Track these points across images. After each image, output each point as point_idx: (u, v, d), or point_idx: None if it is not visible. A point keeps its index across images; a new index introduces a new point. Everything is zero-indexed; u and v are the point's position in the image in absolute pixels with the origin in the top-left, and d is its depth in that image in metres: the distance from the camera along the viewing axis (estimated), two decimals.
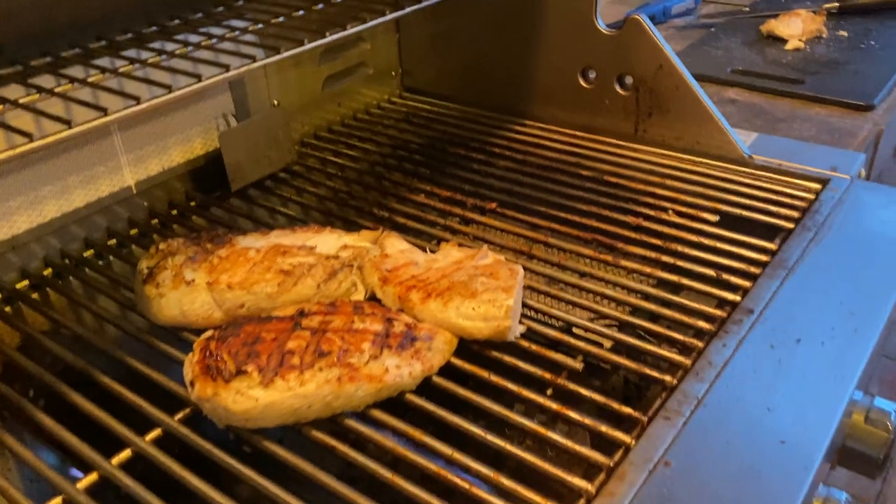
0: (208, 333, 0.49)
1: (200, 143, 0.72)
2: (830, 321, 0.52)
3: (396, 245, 0.59)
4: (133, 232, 0.67)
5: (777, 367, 0.48)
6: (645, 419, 0.45)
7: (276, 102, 0.78)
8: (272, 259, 0.56)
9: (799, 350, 0.50)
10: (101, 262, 0.64)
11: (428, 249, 0.61)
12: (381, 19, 0.62)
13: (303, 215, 0.71)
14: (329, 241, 0.60)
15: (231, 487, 0.43)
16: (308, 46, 0.56)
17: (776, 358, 0.49)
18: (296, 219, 0.70)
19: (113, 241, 0.66)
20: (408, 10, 0.64)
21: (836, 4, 1.09)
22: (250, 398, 0.44)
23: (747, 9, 1.13)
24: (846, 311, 0.53)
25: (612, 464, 0.42)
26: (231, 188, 0.72)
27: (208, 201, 0.72)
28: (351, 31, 0.59)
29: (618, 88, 0.77)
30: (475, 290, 0.52)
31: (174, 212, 0.70)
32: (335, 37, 0.58)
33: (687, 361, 0.49)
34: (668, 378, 0.48)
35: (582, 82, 0.80)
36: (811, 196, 0.67)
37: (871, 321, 0.52)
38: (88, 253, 0.65)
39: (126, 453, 0.45)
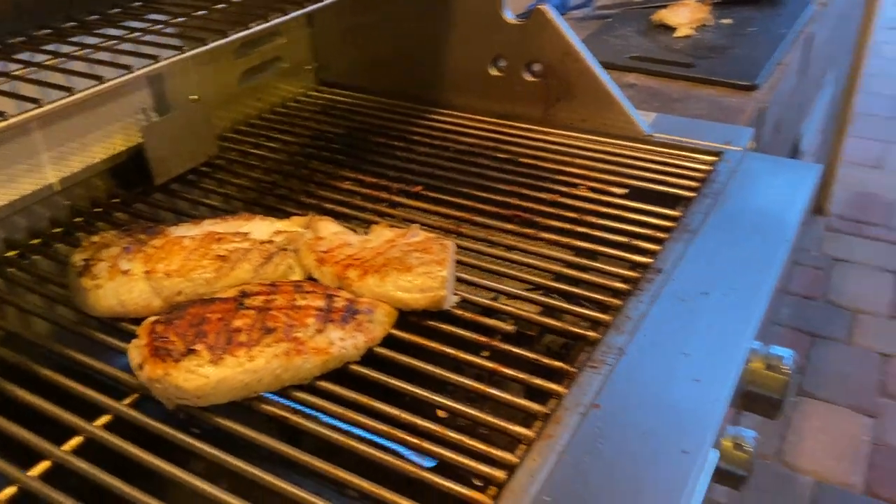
0: (153, 318, 0.50)
1: (121, 140, 0.71)
2: (731, 276, 0.58)
3: (329, 228, 0.62)
4: (57, 230, 0.67)
5: (688, 317, 0.53)
6: (574, 370, 0.49)
7: (195, 97, 0.79)
8: (207, 246, 0.57)
9: (706, 302, 0.55)
10: (25, 262, 0.64)
11: (360, 232, 0.63)
12: (284, 18, 0.63)
13: (226, 206, 0.72)
14: (262, 228, 0.61)
15: (186, 463, 0.45)
16: (211, 45, 0.56)
17: (687, 309, 0.54)
18: (220, 209, 0.71)
19: (37, 241, 0.65)
20: (313, 7, 0.66)
21: None
22: (201, 376, 0.45)
23: (640, 0, 1.20)
24: (744, 267, 0.59)
25: (548, 411, 0.46)
26: (154, 182, 0.72)
27: (131, 197, 0.72)
28: (254, 29, 0.60)
29: (527, 76, 0.82)
30: (410, 264, 0.55)
31: (98, 209, 0.70)
32: (237, 36, 0.59)
33: (608, 318, 0.53)
34: (592, 334, 0.52)
35: (493, 71, 0.84)
36: (708, 167, 0.73)
37: (767, 273, 0.58)
38: (11, 253, 0.64)
39: (77, 440, 0.46)
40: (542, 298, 0.57)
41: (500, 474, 0.42)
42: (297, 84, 0.94)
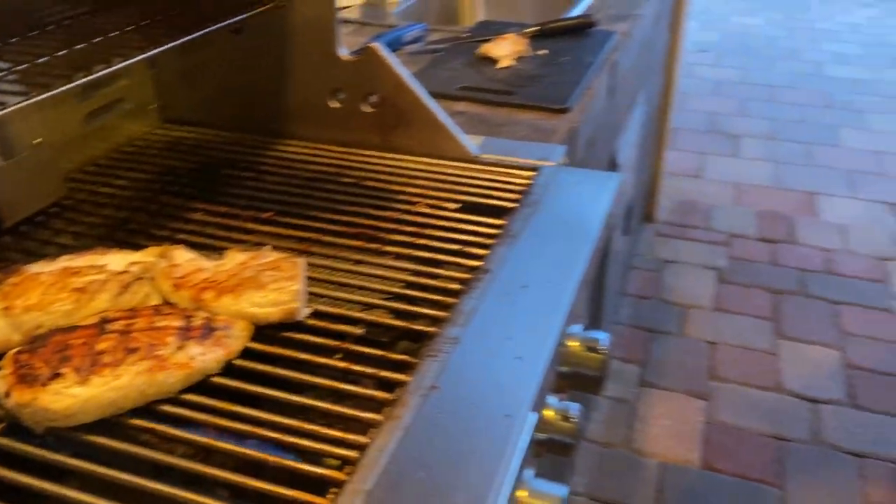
0: (15, 350, 0.52)
1: None
2: (546, 271, 0.67)
3: (184, 255, 0.66)
4: None
5: (511, 307, 0.62)
6: (416, 361, 0.56)
7: (39, 140, 0.80)
8: (64, 280, 0.60)
9: (525, 294, 0.64)
10: None
11: (213, 257, 0.67)
12: (127, 62, 0.68)
13: (77, 243, 0.74)
14: (117, 260, 0.64)
15: (60, 480, 0.48)
16: (56, 91, 0.60)
17: (510, 301, 0.63)
18: (71, 247, 0.73)
19: None
20: (154, 51, 0.70)
21: (538, 28, 1.31)
22: (69, 396, 0.49)
23: (466, 35, 1.31)
24: (557, 263, 0.68)
25: (394, 397, 0.53)
26: (2, 226, 0.72)
27: None
28: (98, 74, 0.64)
29: (365, 107, 0.89)
30: (263, 282, 0.61)
31: None
32: (81, 81, 0.62)
33: (445, 314, 0.61)
34: (432, 329, 0.60)
35: (333, 103, 0.90)
36: (527, 181, 0.83)
37: (575, 267, 0.68)
38: None
39: None
40: (389, 304, 0.64)
41: (353, 454, 0.48)
42: (141, 123, 0.97)
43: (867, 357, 2.06)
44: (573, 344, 0.73)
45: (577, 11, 1.49)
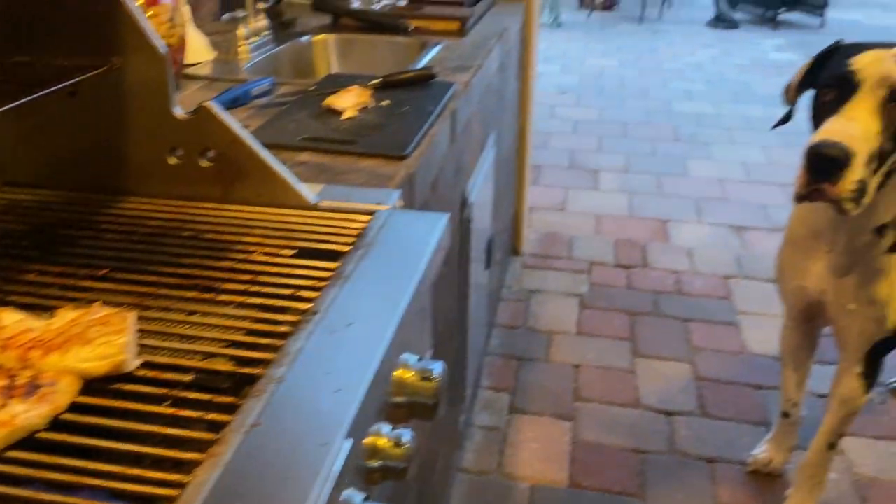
0: None
1: None
2: (372, 308, 0.72)
3: (11, 317, 0.67)
4: None
5: (336, 345, 0.67)
6: (241, 402, 0.60)
7: None
8: None
9: (350, 330, 0.69)
10: None
11: (45, 317, 0.69)
12: None
13: None
14: None
15: None
16: None
17: (335, 339, 0.67)
18: None
19: None
20: None
21: (380, 81, 1.38)
22: None
23: (313, 88, 1.37)
24: (384, 299, 0.74)
25: (217, 437, 0.56)
26: None
27: None
28: None
29: (203, 162, 0.92)
30: (90, 337, 0.63)
31: None
32: None
33: (272, 356, 0.65)
34: (258, 371, 0.64)
35: (172, 160, 0.93)
36: (363, 225, 0.88)
37: (400, 302, 0.74)
38: None
39: None
40: (220, 351, 0.67)
41: (174, 492, 0.51)
42: None
43: (713, 369, 2.24)
44: (408, 374, 0.79)
45: (421, 65, 1.58)
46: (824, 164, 1.17)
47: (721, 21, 7.68)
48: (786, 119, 1.43)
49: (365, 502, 0.63)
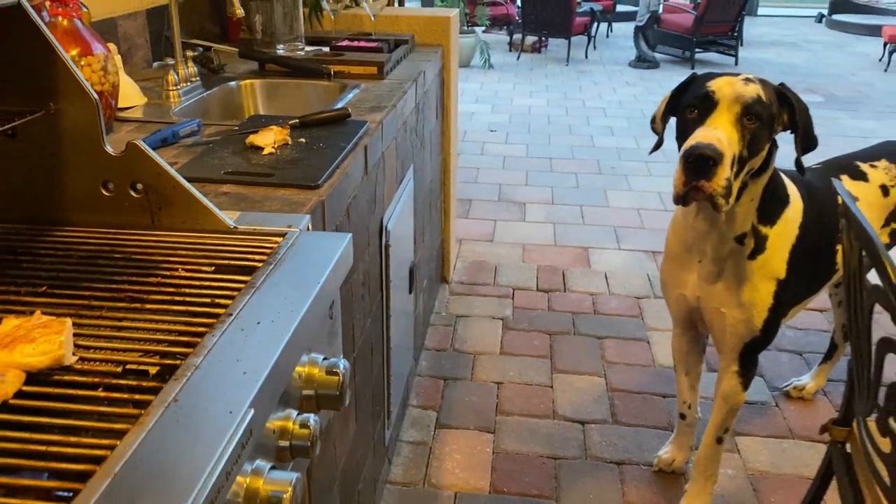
0: None
1: None
2: (278, 309, 0.86)
3: None
4: None
5: (245, 339, 0.80)
6: (163, 385, 0.72)
7: None
8: None
9: (258, 328, 0.82)
10: None
11: None
12: None
13: None
14: None
15: None
16: None
17: (245, 334, 0.80)
18: None
19: None
20: None
21: (298, 120, 1.53)
22: None
23: (237, 128, 1.50)
24: (287, 303, 0.87)
25: (143, 411, 0.68)
26: None
27: None
28: None
29: (133, 193, 1.05)
30: (33, 337, 0.74)
31: None
32: None
33: (190, 350, 0.78)
34: (178, 361, 0.76)
35: (104, 191, 1.06)
36: (275, 244, 1.02)
37: (301, 304, 0.87)
38: None
39: None
40: (148, 348, 0.79)
41: (106, 453, 0.63)
42: None
43: (624, 381, 2.41)
44: (315, 370, 0.92)
45: (338, 106, 1.74)
46: (700, 164, 1.35)
47: (642, 61, 8.11)
48: (658, 145, 1.62)
49: (271, 471, 0.76)
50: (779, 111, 1.43)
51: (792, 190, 1.61)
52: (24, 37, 0.99)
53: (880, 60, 8.28)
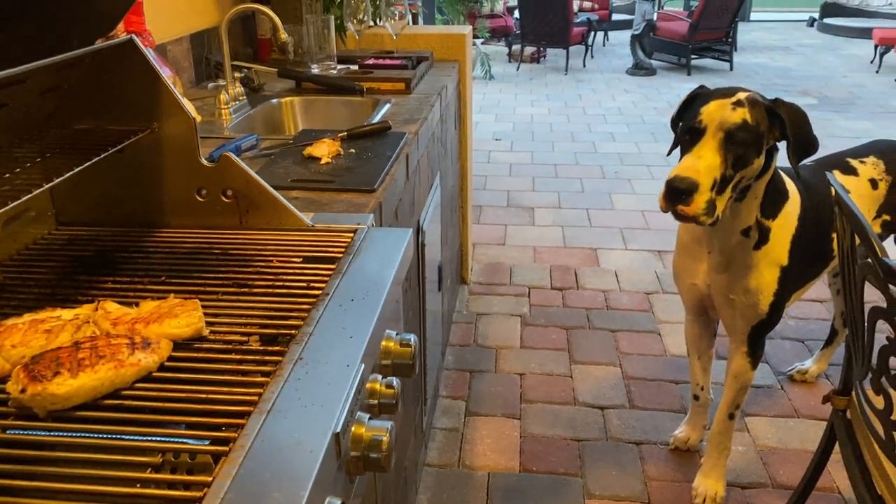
0: (20, 365, 0.79)
1: None
2: (366, 289, 1.03)
3: (113, 306, 0.94)
4: None
5: (343, 312, 0.96)
6: (285, 349, 0.89)
7: None
8: (35, 326, 0.87)
9: (353, 304, 0.99)
10: None
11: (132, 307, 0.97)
12: (38, 190, 0.97)
13: (18, 312, 1.00)
14: (65, 313, 0.92)
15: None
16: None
17: (343, 309, 0.97)
18: (15, 313, 0.98)
19: None
20: (57, 180, 1.00)
21: (345, 133, 1.70)
22: (68, 385, 0.77)
23: (292, 141, 1.68)
24: (372, 284, 1.04)
25: (275, 368, 0.85)
26: None
27: None
28: (14, 204, 0.93)
29: (223, 198, 1.22)
30: (176, 313, 0.91)
31: None
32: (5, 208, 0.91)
33: (301, 322, 0.94)
34: (294, 332, 0.93)
35: (199, 198, 1.23)
36: (349, 239, 1.19)
37: (383, 285, 1.04)
38: None
39: None
40: (265, 321, 0.96)
41: (255, 398, 0.80)
42: (41, 227, 1.23)
43: (639, 369, 2.58)
44: (391, 343, 1.09)
45: (377, 118, 1.91)
46: (678, 193, 1.56)
47: (639, 68, 8.31)
48: (675, 146, 1.79)
49: (370, 420, 0.93)
50: (769, 127, 1.60)
51: (790, 185, 1.78)
52: (135, 66, 1.16)
53: (871, 62, 8.50)
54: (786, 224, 1.75)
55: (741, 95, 1.59)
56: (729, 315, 1.82)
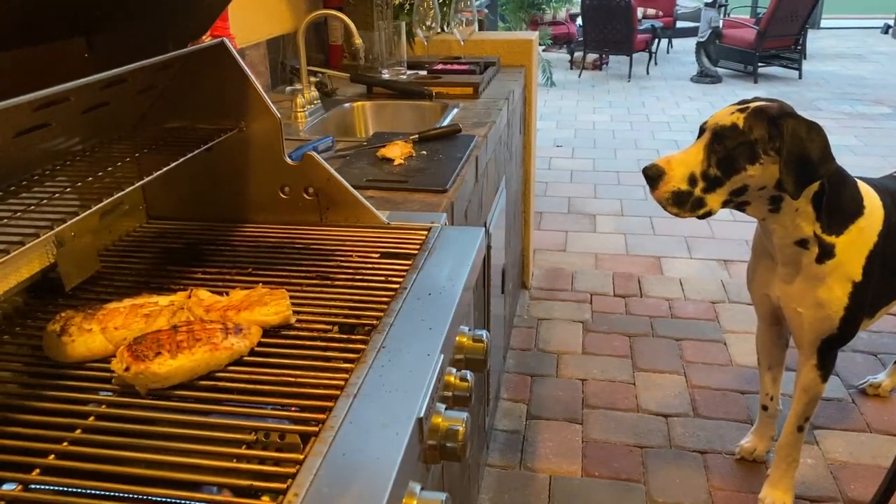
0: (124, 345, 0.84)
1: (37, 264, 1.03)
2: (441, 284, 1.05)
3: (205, 294, 1.00)
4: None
5: (421, 305, 0.99)
6: (368, 338, 0.92)
7: (73, 234, 1.12)
8: (135, 311, 0.92)
9: (430, 297, 1.02)
10: None
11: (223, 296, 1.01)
12: (138, 184, 1.02)
13: (117, 297, 1.06)
14: (161, 299, 0.97)
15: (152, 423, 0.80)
16: (91, 210, 0.94)
17: (421, 303, 1.00)
18: (112, 299, 1.04)
19: None
20: (151, 177, 1.05)
21: (417, 136, 1.74)
22: (168, 365, 0.81)
23: (366, 143, 1.72)
24: (448, 280, 1.07)
25: (359, 356, 0.88)
26: (65, 289, 1.04)
27: (51, 301, 1.03)
28: (120, 194, 0.99)
29: (305, 195, 1.27)
30: (265, 301, 0.96)
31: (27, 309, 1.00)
32: (105, 202, 0.97)
33: (382, 314, 0.98)
34: (376, 322, 0.96)
35: (282, 195, 1.27)
36: (424, 236, 1.22)
37: (459, 281, 1.07)
38: None
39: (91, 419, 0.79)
40: (347, 312, 1.00)
41: (342, 382, 0.83)
42: (133, 220, 1.30)
43: (704, 378, 2.54)
44: (464, 339, 1.11)
45: (445, 122, 1.94)
46: (649, 177, 1.66)
47: (705, 76, 8.18)
48: None
49: (447, 410, 0.95)
50: (767, 136, 1.58)
51: (871, 201, 1.73)
52: (224, 68, 1.22)
53: None
54: (859, 240, 1.70)
55: (753, 104, 1.60)
56: (797, 327, 1.78)
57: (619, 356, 2.69)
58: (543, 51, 9.06)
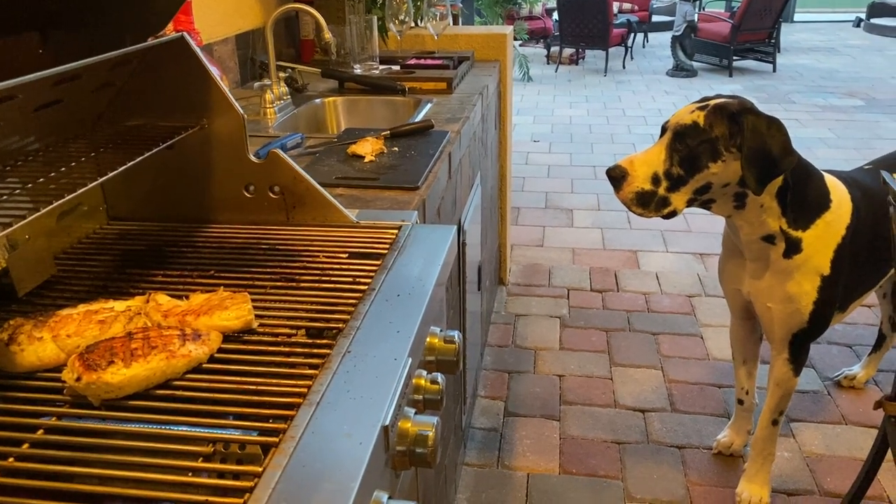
0: (76, 354, 0.80)
1: None
2: (411, 285, 1.02)
3: (164, 298, 0.96)
4: None
5: (390, 307, 0.96)
6: (333, 342, 0.89)
7: (27, 237, 1.08)
8: (89, 317, 0.89)
9: (399, 299, 0.99)
10: None
11: (182, 300, 0.98)
12: (95, 183, 0.98)
13: (71, 302, 1.02)
14: (118, 305, 0.94)
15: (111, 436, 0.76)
16: (44, 210, 0.90)
17: (389, 304, 0.97)
18: (67, 304, 1.00)
19: None
20: (109, 175, 1.02)
21: (388, 132, 1.71)
22: (122, 374, 0.78)
23: (336, 140, 1.69)
24: (417, 280, 1.04)
25: (323, 361, 0.85)
26: (18, 295, 1.00)
27: (3, 305, 0.99)
28: (68, 197, 0.94)
29: (271, 194, 1.23)
30: (226, 306, 0.92)
31: None
32: (59, 202, 0.93)
33: (348, 317, 0.95)
34: (341, 325, 0.93)
35: (247, 194, 1.24)
36: (394, 235, 1.19)
37: (428, 281, 1.04)
38: None
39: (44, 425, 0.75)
40: (313, 315, 0.97)
41: (304, 390, 0.80)
42: (94, 221, 1.25)
43: (681, 373, 2.54)
44: (435, 339, 1.08)
45: (419, 118, 1.91)
46: (612, 178, 1.65)
47: (680, 70, 8.21)
48: None
49: (416, 415, 0.92)
50: (728, 133, 1.57)
51: (838, 195, 1.72)
52: (185, 63, 1.18)
53: None
54: (826, 234, 1.70)
55: (713, 101, 1.59)
56: (768, 322, 1.78)
57: (597, 351, 2.68)
58: (520, 45, 9.05)
